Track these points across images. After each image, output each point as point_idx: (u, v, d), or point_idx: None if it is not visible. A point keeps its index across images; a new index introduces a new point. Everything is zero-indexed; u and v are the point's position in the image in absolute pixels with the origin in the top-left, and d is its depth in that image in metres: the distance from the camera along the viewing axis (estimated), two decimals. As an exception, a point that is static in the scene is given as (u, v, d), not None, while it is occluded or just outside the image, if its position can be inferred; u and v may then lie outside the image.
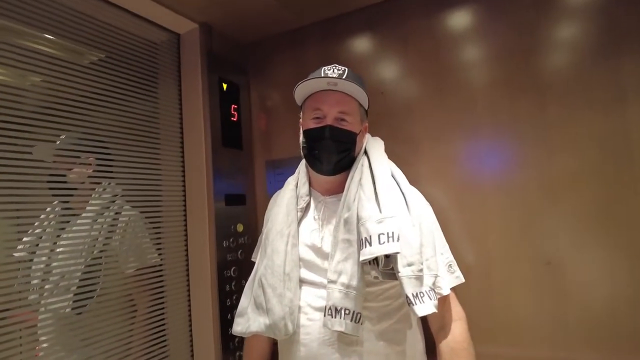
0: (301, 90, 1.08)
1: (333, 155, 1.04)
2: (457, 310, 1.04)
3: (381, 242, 0.90)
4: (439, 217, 1.12)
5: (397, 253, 0.90)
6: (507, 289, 1.22)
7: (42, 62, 1.08)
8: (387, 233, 0.91)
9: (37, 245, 1.17)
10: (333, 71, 1.05)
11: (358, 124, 1.08)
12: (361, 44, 1.48)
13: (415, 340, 1.06)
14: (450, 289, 1.03)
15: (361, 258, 0.92)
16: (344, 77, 1.04)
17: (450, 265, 1.06)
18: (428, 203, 1.11)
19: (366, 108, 1.12)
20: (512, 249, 1.22)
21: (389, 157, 1.14)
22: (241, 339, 1.41)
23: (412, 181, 1.13)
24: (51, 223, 1.19)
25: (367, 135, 1.15)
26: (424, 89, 1.37)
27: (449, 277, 1.04)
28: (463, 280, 1.07)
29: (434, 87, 1.35)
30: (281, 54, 1.61)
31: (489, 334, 1.22)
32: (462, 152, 1.30)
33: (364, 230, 0.94)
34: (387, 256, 0.92)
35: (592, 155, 1.14)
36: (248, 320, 1.06)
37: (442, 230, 1.10)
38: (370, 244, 0.91)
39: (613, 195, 1.11)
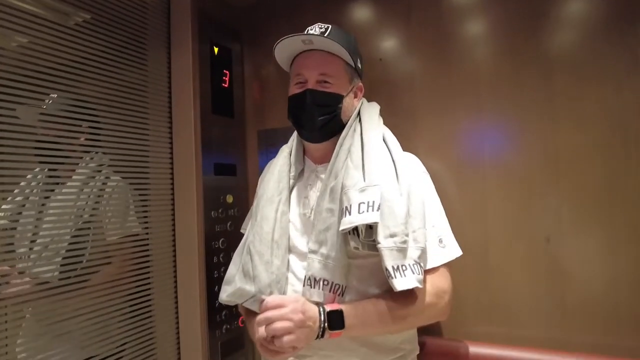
0: (280, 54, 1.03)
1: (316, 121, 0.99)
2: (437, 285, 0.94)
3: (360, 211, 0.86)
4: (437, 192, 1.06)
5: (376, 223, 0.86)
6: (505, 267, 1.19)
7: (25, 22, 1.02)
8: (368, 202, 0.87)
9: (23, 205, 1.14)
10: (315, 30, 0.99)
11: (344, 85, 1.02)
12: (362, 10, 1.42)
13: None
14: (443, 265, 0.96)
15: (340, 227, 0.88)
16: (325, 35, 0.98)
17: (440, 240, 0.97)
18: (426, 171, 1.05)
19: (356, 66, 1.05)
20: (512, 227, 1.19)
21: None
22: (228, 312, 1.39)
23: (410, 154, 1.08)
24: (38, 186, 1.16)
25: (363, 100, 1.09)
26: (426, 58, 1.31)
27: (439, 252, 0.95)
28: (455, 256, 0.97)
29: (436, 57, 1.29)
30: (277, 19, 1.55)
31: (485, 312, 1.20)
32: (463, 125, 1.25)
33: (345, 199, 0.90)
34: (369, 226, 0.87)
35: (599, 131, 1.09)
36: (235, 288, 1.02)
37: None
38: (349, 213, 0.87)
39: (618, 173, 1.07)
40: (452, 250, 0.98)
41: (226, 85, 1.49)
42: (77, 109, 1.14)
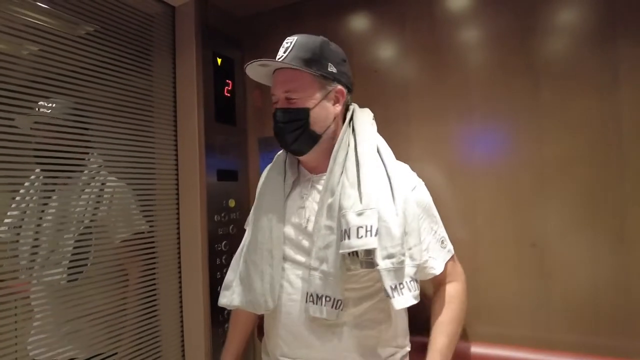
0: (255, 78, 1.08)
1: (287, 137, 1.02)
2: (455, 273, 1.09)
3: (359, 236, 0.89)
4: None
5: (374, 249, 0.89)
6: (493, 269, 1.23)
7: (35, 32, 1.07)
8: (366, 226, 0.90)
9: (25, 213, 1.16)
10: (282, 46, 1.03)
11: (312, 96, 1.01)
12: (359, 21, 1.46)
13: (396, 320, 1.06)
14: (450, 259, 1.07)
15: (340, 251, 0.92)
16: (289, 50, 1.00)
17: (442, 241, 1.06)
18: (420, 182, 1.08)
19: (327, 71, 1.02)
20: (500, 231, 1.23)
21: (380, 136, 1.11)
22: (230, 312, 1.44)
23: (403, 161, 1.12)
24: (37, 193, 1.17)
25: (354, 107, 1.09)
26: (419, 68, 1.36)
27: (442, 254, 1.05)
28: (453, 252, 1.09)
29: (429, 67, 1.34)
30: (278, 29, 1.59)
31: (473, 313, 1.22)
32: (454, 133, 1.30)
33: (344, 222, 0.92)
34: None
35: (583, 140, 1.14)
36: (233, 294, 1.08)
37: None
38: (349, 237, 0.90)
39: (601, 180, 1.12)
40: (451, 248, 1.09)
41: (228, 94, 1.54)
42: (84, 118, 1.17)
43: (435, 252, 1.03)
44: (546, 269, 1.17)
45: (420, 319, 1.08)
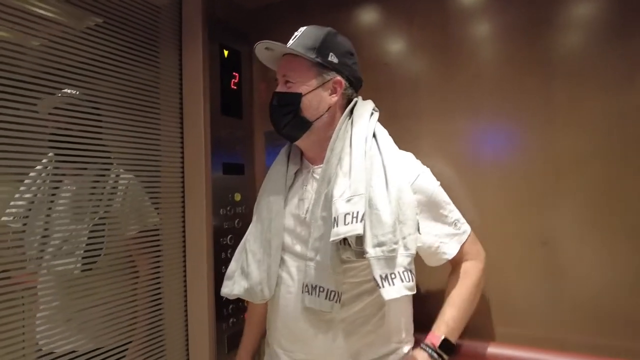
0: (264, 62, 1.11)
1: (279, 120, 1.05)
2: (473, 251, 1.06)
3: (346, 222, 0.88)
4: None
5: (359, 235, 0.88)
6: (503, 268, 1.21)
7: (42, 23, 1.07)
8: (353, 213, 0.89)
9: (35, 196, 1.16)
10: (293, 35, 1.05)
11: (307, 83, 1.02)
12: (367, 14, 1.45)
13: (398, 315, 1.04)
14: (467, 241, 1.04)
15: (330, 239, 0.91)
16: (296, 38, 1.03)
17: (455, 224, 1.03)
18: (423, 168, 1.05)
19: (325, 61, 1.01)
20: (510, 229, 1.21)
21: (389, 131, 1.09)
22: (234, 306, 1.44)
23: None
24: (45, 184, 1.17)
25: (358, 99, 1.08)
26: (429, 62, 1.34)
27: (456, 236, 1.03)
28: (469, 230, 1.07)
29: (439, 61, 1.32)
30: (285, 22, 1.57)
31: (482, 312, 1.22)
32: (465, 128, 1.28)
33: (334, 210, 0.91)
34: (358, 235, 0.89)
35: (597, 136, 1.12)
36: (234, 284, 1.09)
37: None
38: (337, 225, 0.89)
39: (615, 177, 1.09)
40: (466, 229, 1.06)
41: (235, 87, 1.52)
42: (91, 109, 1.17)
43: (447, 236, 1.01)
44: (557, 268, 1.15)
45: (425, 315, 1.06)
